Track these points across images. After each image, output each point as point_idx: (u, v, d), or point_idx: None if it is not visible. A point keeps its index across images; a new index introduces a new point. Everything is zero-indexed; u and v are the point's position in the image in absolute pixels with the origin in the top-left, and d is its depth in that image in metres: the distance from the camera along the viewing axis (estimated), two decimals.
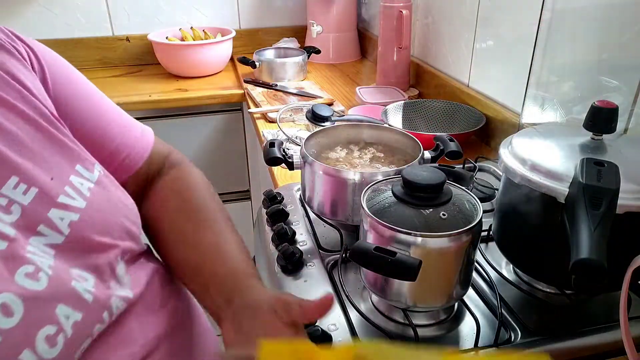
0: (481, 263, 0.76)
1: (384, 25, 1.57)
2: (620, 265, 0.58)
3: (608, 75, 0.91)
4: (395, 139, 0.91)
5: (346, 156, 0.88)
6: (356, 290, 0.74)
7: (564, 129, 0.76)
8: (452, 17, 1.45)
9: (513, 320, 0.67)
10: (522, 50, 1.13)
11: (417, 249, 0.59)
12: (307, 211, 0.91)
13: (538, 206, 0.65)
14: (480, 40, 1.32)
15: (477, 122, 1.23)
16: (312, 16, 2.03)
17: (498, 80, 1.27)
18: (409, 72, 1.63)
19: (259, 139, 1.42)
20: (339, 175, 0.78)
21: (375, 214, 0.62)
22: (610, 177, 0.55)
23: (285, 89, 1.69)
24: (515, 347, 0.63)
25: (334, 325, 0.66)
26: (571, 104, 1.01)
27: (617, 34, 0.89)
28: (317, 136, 0.89)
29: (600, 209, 0.53)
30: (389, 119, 1.29)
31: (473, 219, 0.62)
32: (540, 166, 0.64)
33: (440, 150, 0.85)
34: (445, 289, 0.64)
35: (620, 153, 0.65)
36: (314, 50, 1.88)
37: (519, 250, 0.71)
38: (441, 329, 0.67)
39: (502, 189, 0.73)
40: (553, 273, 0.68)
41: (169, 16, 2.04)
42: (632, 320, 0.65)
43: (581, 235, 0.52)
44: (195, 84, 1.81)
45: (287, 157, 0.86)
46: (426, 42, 1.62)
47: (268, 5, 2.15)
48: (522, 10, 1.13)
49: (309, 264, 0.78)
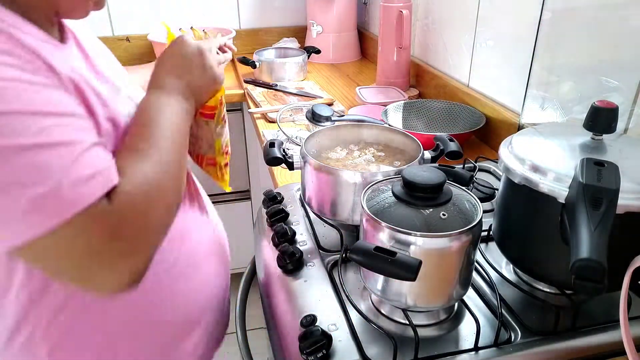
0: (481, 263, 0.76)
1: (384, 25, 1.57)
2: (620, 265, 0.58)
3: (608, 75, 0.91)
4: (395, 139, 0.91)
5: (346, 156, 0.88)
6: (356, 290, 0.74)
7: (564, 129, 0.76)
8: (452, 17, 1.45)
9: (513, 320, 0.67)
10: (522, 50, 1.13)
11: (417, 249, 0.59)
12: (307, 211, 0.91)
13: (538, 206, 0.65)
14: (480, 40, 1.32)
15: (477, 122, 1.23)
16: (312, 16, 2.03)
17: (498, 80, 1.27)
18: (409, 72, 1.63)
19: (259, 139, 1.42)
20: (339, 175, 0.78)
21: (375, 214, 0.62)
22: (610, 177, 0.55)
23: (285, 89, 1.69)
24: (515, 347, 0.63)
25: (334, 325, 0.66)
26: (571, 104, 1.01)
27: (617, 34, 0.89)
28: (317, 136, 0.89)
29: (600, 209, 0.53)
30: (389, 119, 1.29)
31: (473, 219, 0.62)
32: (540, 166, 0.64)
33: (440, 150, 0.85)
34: (445, 289, 0.64)
35: (620, 153, 0.65)
36: (314, 50, 1.88)
37: (519, 250, 0.71)
38: (441, 329, 0.67)
39: (502, 189, 0.73)
40: (553, 273, 0.68)
41: (169, 16, 2.04)
42: (632, 320, 0.65)
43: (581, 235, 0.52)
44: None
45: (287, 157, 0.86)
46: (426, 42, 1.62)
47: (268, 5, 2.15)
48: (522, 10, 1.13)
49: (309, 264, 0.78)
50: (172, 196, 0.58)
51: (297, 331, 0.65)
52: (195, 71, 0.69)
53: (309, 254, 0.80)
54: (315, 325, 0.64)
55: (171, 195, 0.58)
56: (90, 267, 0.49)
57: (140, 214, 0.52)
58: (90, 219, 0.48)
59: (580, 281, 0.50)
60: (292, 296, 0.72)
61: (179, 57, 0.69)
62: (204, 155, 0.87)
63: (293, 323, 0.67)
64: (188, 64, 0.69)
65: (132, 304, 0.65)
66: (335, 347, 0.62)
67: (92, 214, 0.48)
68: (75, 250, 0.48)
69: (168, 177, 0.57)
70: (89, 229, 0.48)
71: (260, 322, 0.97)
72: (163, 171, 0.56)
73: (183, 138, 0.64)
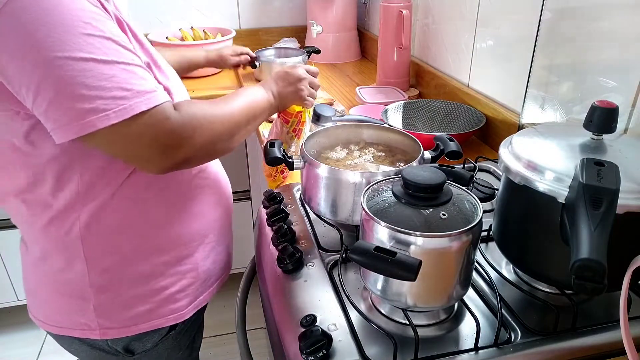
0: (481, 263, 0.76)
1: (384, 25, 1.57)
2: (620, 265, 0.58)
3: (608, 75, 0.91)
4: (395, 139, 0.91)
5: (346, 156, 0.88)
6: (356, 290, 0.74)
7: (564, 129, 0.76)
8: (452, 17, 1.45)
9: (513, 320, 0.67)
10: (522, 50, 1.13)
11: (417, 249, 0.59)
12: (307, 211, 0.91)
13: (538, 206, 0.65)
14: (480, 40, 1.32)
15: (477, 122, 1.23)
16: (312, 16, 2.03)
17: (498, 80, 1.27)
18: (409, 72, 1.63)
19: (259, 139, 1.42)
20: (339, 175, 0.78)
21: (375, 214, 0.62)
22: (610, 177, 0.55)
23: None
24: (515, 347, 0.63)
25: (334, 325, 0.66)
26: (571, 104, 1.01)
27: (617, 34, 0.89)
28: (317, 136, 0.89)
29: (600, 209, 0.53)
30: (389, 119, 1.29)
31: (473, 219, 0.62)
32: (540, 166, 0.64)
33: (440, 150, 0.85)
34: (445, 289, 0.64)
35: (620, 153, 0.65)
36: (314, 50, 1.88)
37: (519, 250, 0.71)
38: (441, 329, 0.67)
39: (502, 189, 0.73)
40: (553, 273, 0.68)
41: (169, 16, 2.04)
42: (632, 320, 0.65)
43: (581, 236, 0.52)
44: (195, 84, 1.81)
45: (287, 157, 0.86)
46: (426, 42, 1.62)
47: (268, 5, 2.15)
48: (522, 10, 1.13)
49: (309, 264, 0.78)
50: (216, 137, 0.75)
51: (297, 331, 0.65)
52: (289, 86, 0.96)
53: (309, 254, 0.80)
54: (315, 325, 0.64)
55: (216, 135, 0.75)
56: (150, 151, 0.68)
57: (190, 128, 0.71)
58: (157, 117, 0.67)
59: (580, 281, 0.50)
60: (292, 296, 0.72)
61: (285, 74, 0.97)
62: None
63: (293, 323, 0.67)
64: (287, 79, 0.96)
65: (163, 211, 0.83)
66: (335, 347, 0.62)
67: (159, 112, 0.67)
68: (144, 137, 0.67)
69: (220, 123, 0.76)
70: (156, 123, 0.67)
71: (260, 322, 0.97)
72: (220, 119, 0.76)
73: (254, 110, 0.86)
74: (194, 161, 0.77)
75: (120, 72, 0.65)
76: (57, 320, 0.84)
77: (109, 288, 0.81)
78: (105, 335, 0.83)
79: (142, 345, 0.87)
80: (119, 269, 0.81)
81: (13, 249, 1.90)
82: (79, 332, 0.83)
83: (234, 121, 0.79)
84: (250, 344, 0.89)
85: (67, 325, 0.83)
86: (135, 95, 0.65)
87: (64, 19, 0.62)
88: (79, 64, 0.62)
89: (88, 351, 0.87)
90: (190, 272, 0.88)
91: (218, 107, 0.78)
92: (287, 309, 0.70)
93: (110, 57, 0.64)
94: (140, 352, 0.88)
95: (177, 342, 0.92)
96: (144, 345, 0.87)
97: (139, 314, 0.83)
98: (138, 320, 0.84)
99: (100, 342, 0.84)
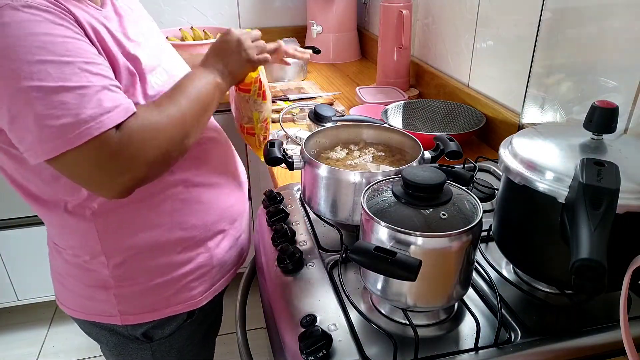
0: (481, 263, 0.76)
1: (384, 25, 1.57)
2: (620, 265, 0.58)
3: (608, 75, 0.91)
4: (395, 139, 0.91)
5: (346, 156, 0.88)
6: (356, 290, 0.74)
7: (564, 129, 0.76)
8: (452, 17, 1.45)
9: (513, 320, 0.67)
10: (522, 50, 1.13)
11: (417, 249, 0.59)
12: (307, 211, 0.91)
13: (538, 206, 0.65)
14: (480, 40, 1.32)
15: (477, 122, 1.23)
16: (312, 16, 2.03)
17: (498, 80, 1.27)
18: (409, 72, 1.63)
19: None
20: (339, 175, 0.78)
21: (375, 214, 0.62)
22: (610, 177, 0.55)
23: (286, 89, 1.69)
24: (515, 347, 0.63)
25: (334, 325, 0.66)
26: (571, 104, 1.01)
27: (617, 34, 0.89)
28: (317, 136, 0.89)
29: (600, 209, 0.53)
30: (389, 119, 1.29)
31: (473, 219, 0.62)
32: (540, 166, 0.64)
33: (440, 150, 0.85)
34: (445, 289, 0.64)
35: (620, 153, 0.65)
36: (314, 50, 1.88)
37: (519, 250, 0.71)
38: (441, 329, 0.67)
39: (502, 189, 0.73)
40: (553, 273, 0.68)
41: (169, 16, 2.04)
42: (632, 320, 0.65)
43: (581, 236, 0.52)
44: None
45: (287, 157, 0.86)
46: (426, 42, 1.62)
47: (268, 5, 2.15)
48: (522, 10, 1.13)
49: (309, 264, 0.78)
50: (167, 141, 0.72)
51: (297, 331, 0.65)
52: (232, 55, 0.88)
53: (309, 254, 0.80)
54: (315, 325, 0.64)
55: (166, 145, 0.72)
56: (100, 177, 0.68)
57: (135, 145, 0.68)
58: (100, 143, 0.65)
59: (580, 281, 0.50)
60: (292, 296, 0.72)
61: (223, 43, 0.89)
62: (244, 125, 1.05)
63: (293, 323, 0.67)
64: (227, 49, 0.88)
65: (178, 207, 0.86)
66: (335, 347, 0.62)
67: (101, 139, 0.65)
68: (89, 164, 0.67)
69: (171, 126, 0.73)
70: (99, 149, 0.66)
71: (260, 322, 0.97)
72: (166, 126, 0.73)
73: (202, 102, 0.80)
74: (151, 177, 0.74)
75: (71, 99, 0.64)
76: (81, 306, 0.90)
77: (128, 278, 0.86)
78: (125, 322, 0.88)
79: (160, 332, 0.92)
80: (136, 261, 0.85)
81: (13, 249, 1.90)
82: (100, 317, 0.88)
83: (184, 121, 0.75)
84: (250, 344, 0.89)
85: (89, 312, 0.89)
86: (82, 123, 0.64)
87: (15, 45, 0.63)
88: (30, 94, 0.63)
89: (108, 336, 0.92)
90: (205, 261, 0.91)
91: (164, 110, 0.73)
92: (287, 309, 0.70)
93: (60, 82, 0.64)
94: (159, 339, 0.93)
95: (193, 331, 0.96)
96: (162, 332, 0.92)
97: (157, 301, 0.88)
98: (156, 306, 0.88)
99: (121, 327, 0.89)
